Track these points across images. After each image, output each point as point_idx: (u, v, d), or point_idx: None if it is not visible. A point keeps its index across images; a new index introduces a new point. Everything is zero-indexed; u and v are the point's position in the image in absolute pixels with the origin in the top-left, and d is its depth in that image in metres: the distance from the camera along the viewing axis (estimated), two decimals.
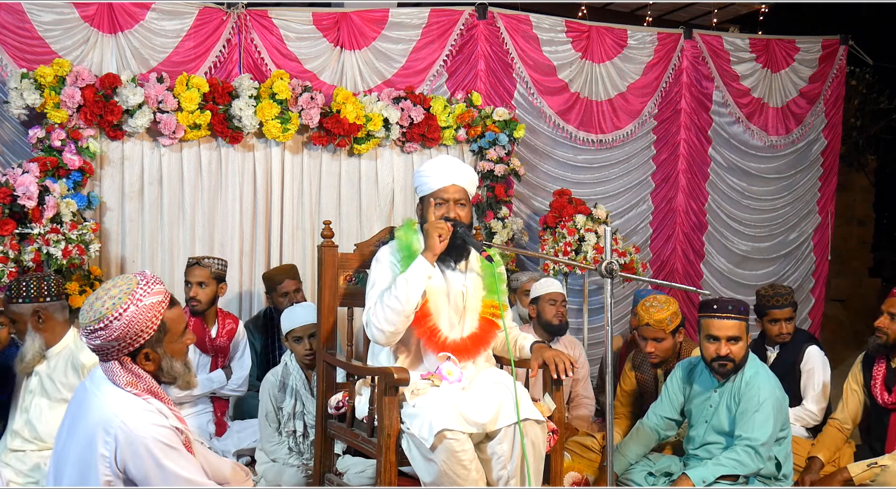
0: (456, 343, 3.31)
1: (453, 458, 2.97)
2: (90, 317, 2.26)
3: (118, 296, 2.27)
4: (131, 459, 2.20)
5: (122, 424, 2.20)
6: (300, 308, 4.25)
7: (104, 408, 2.24)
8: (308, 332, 4.10)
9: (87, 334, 2.27)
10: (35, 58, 4.82)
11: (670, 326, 4.16)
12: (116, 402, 2.25)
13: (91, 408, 2.27)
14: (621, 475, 3.88)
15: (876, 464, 3.83)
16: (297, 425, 4.15)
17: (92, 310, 2.27)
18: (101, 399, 2.26)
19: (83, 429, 2.25)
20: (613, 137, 6.43)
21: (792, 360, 4.50)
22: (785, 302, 4.48)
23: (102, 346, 2.28)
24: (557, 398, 3.37)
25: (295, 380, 4.14)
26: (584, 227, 5.62)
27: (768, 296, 4.51)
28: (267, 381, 4.19)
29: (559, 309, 4.84)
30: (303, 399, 4.14)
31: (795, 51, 6.95)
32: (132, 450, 2.20)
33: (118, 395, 2.27)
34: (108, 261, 5.00)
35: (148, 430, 2.22)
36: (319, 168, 5.46)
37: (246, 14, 5.29)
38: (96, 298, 2.29)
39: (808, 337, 4.69)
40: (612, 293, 2.90)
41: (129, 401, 2.26)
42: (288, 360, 4.20)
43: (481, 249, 3.25)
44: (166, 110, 4.91)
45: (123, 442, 2.20)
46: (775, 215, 7.05)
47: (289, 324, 4.18)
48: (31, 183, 4.40)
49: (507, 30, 6.00)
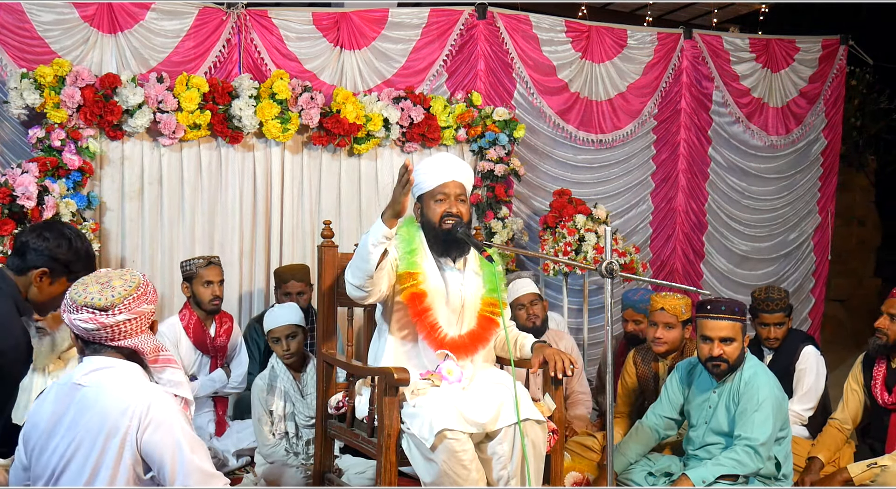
0: (455, 341, 3.31)
1: (453, 458, 2.98)
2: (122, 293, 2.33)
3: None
4: (157, 438, 2.24)
5: (152, 405, 2.25)
6: (280, 308, 4.28)
7: (125, 394, 2.26)
8: (286, 333, 4.14)
9: (126, 309, 2.32)
10: (35, 58, 4.82)
11: (683, 316, 4.18)
12: (137, 387, 2.29)
13: (100, 400, 2.26)
14: (621, 475, 3.88)
15: (876, 464, 3.82)
16: (289, 427, 4.17)
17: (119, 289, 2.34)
18: (115, 387, 2.27)
19: (96, 422, 2.25)
20: (613, 137, 6.43)
21: (788, 361, 4.49)
22: (776, 307, 4.43)
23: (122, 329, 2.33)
24: (557, 397, 3.37)
25: (283, 382, 4.16)
26: (584, 227, 5.62)
27: (760, 300, 4.47)
28: (256, 386, 4.21)
29: (530, 311, 4.68)
30: (292, 400, 4.15)
31: (795, 51, 6.95)
32: (158, 430, 2.24)
33: (137, 380, 2.32)
34: (107, 262, 4.99)
35: (175, 411, 2.30)
36: (319, 168, 5.46)
37: (246, 14, 5.29)
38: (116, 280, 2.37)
39: (805, 337, 4.65)
40: (612, 293, 2.90)
41: (150, 384, 2.33)
42: (275, 363, 4.21)
43: (482, 249, 3.25)
44: (166, 110, 4.91)
45: (153, 422, 2.24)
46: (775, 215, 7.05)
47: (268, 324, 4.22)
48: (31, 183, 4.40)
49: (506, 30, 6.00)
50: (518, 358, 3.48)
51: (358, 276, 3.18)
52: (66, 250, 2.81)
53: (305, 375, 4.23)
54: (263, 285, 5.35)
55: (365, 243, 3.12)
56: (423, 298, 3.26)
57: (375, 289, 3.21)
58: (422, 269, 3.29)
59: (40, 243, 2.80)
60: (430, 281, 3.29)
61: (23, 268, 2.81)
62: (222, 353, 4.64)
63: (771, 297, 4.45)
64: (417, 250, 3.31)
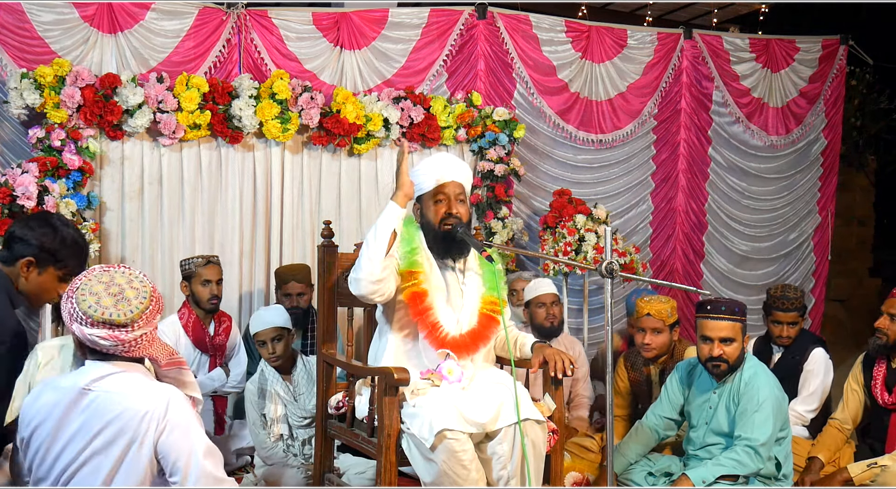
0: (455, 340, 3.31)
1: (453, 458, 2.98)
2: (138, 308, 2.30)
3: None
4: (172, 440, 2.25)
5: (169, 408, 2.26)
6: (265, 311, 4.28)
7: (141, 400, 2.26)
8: (271, 336, 4.13)
9: (145, 324, 2.31)
10: (35, 58, 4.82)
11: (670, 319, 4.18)
12: (152, 390, 2.30)
13: (114, 407, 2.25)
14: (621, 475, 3.88)
15: (876, 464, 3.83)
16: (283, 429, 4.16)
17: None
18: (129, 393, 2.27)
19: (113, 429, 2.24)
20: (613, 137, 6.43)
21: (796, 361, 4.49)
22: (790, 306, 4.45)
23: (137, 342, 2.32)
24: (557, 397, 3.37)
25: (273, 385, 4.15)
26: (584, 227, 5.62)
27: (775, 298, 4.49)
28: (248, 391, 4.21)
29: (550, 311, 4.73)
30: (284, 402, 4.15)
31: (795, 51, 6.95)
32: (174, 432, 2.25)
33: (148, 384, 2.32)
34: (107, 262, 4.99)
35: (191, 414, 2.31)
36: (319, 168, 5.46)
37: (246, 14, 5.28)
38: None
39: (816, 339, 4.63)
40: (612, 293, 2.90)
41: (163, 386, 2.34)
42: (264, 367, 4.21)
43: (482, 249, 3.26)
44: (166, 110, 4.91)
45: (169, 424, 2.25)
46: (775, 215, 7.05)
47: (253, 327, 4.22)
48: (31, 183, 4.40)
49: (506, 30, 5.99)
50: (518, 358, 3.48)
51: (371, 265, 3.15)
52: (51, 239, 2.75)
53: (296, 376, 4.22)
54: (263, 285, 5.34)
55: (373, 229, 3.16)
56: (424, 297, 3.26)
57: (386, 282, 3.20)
58: (423, 269, 3.29)
59: (26, 232, 2.76)
60: (431, 280, 3.29)
61: (10, 258, 2.77)
62: (221, 352, 4.64)
63: (787, 296, 4.46)
64: (418, 249, 3.31)
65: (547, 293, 4.77)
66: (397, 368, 3.09)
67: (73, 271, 2.75)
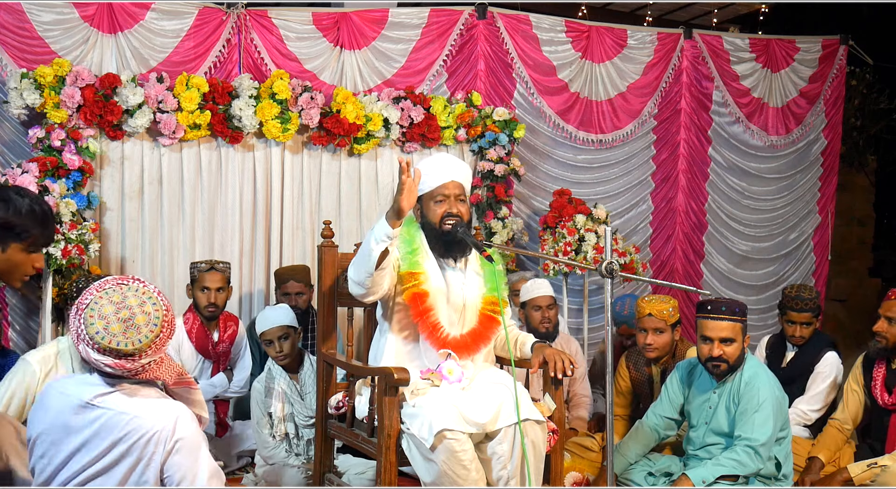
0: (456, 340, 3.31)
1: (453, 458, 2.98)
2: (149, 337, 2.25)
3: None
4: (178, 460, 2.23)
5: (177, 428, 2.23)
6: (271, 310, 4.27)
7: (149, 421, 2.22)
8: (278, 335, 4.13)
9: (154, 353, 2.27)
10: (35, 58, 4.82)
11: (671, 319, 4.18)
12: (160, 410, 2.25)
13: (121, 426, 2.21)
14: (621, 475, 3.88)
15: (876, 464, 3.83)
16: (289, 428, 4.16)
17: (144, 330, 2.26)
18: (137, 413, 2.23)
19: (121, 449, 2.21)
20: (613, 137, 6.43)
21: (808, 362, 4.48)
22: (805, 306, 4.44)
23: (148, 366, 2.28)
24: (557, 397, 3.37)
25: (280, 384, 4.15)
26: (584, 227, 5.62)
27: (790, 297, 4.49)
28: (254, 390, 4.20)
29: (545, 314, 4.61)
30: (290, 401, 4.15)
31: (795, 51, 6.95)
32: (180, 452, 2.23)
33: (156, 402, 2.28)
34: (107, 262, 5.00)
35: (198, 434, 2.29)
36: (319, 168, 5.46)
37: (246, 14, 5.29)
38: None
39: (829, 342, 4.60)
40: (612, 293, 2.89)
41: (171, 403, 2.30)
42: (271, 365, 4.21)
43: (482, 249, 3.26)
44: (166, 110, 4.91)
45: (177, 444, 2.23)
46: (775, 215, 7.05)
47: (259, 327, 4.20)
48: (31, 183, 4.40)
49: (506, 30, 5.99)
50: (518, 358, 3.48)
51: (360, 274, 3.19)
52: (4, 212, 2.58)
53: (303, 375, 4.22)
54: (263, 285, 5.35)
55: (368, 240, 3.13)
56: (424, 298, 3.26)
57: (376, 288, 3.22)
58: (423, 269, 3.29)
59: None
60: (431, 281, 3.29)
61: None
62: (225, 358, 4.61)
63: (802, 296, 4.46)
64: (419, 250, 3.31)
65: (543, 295, 4.67)
66: (397, 368, 3.09)
67: (40, 240, 2.64)
